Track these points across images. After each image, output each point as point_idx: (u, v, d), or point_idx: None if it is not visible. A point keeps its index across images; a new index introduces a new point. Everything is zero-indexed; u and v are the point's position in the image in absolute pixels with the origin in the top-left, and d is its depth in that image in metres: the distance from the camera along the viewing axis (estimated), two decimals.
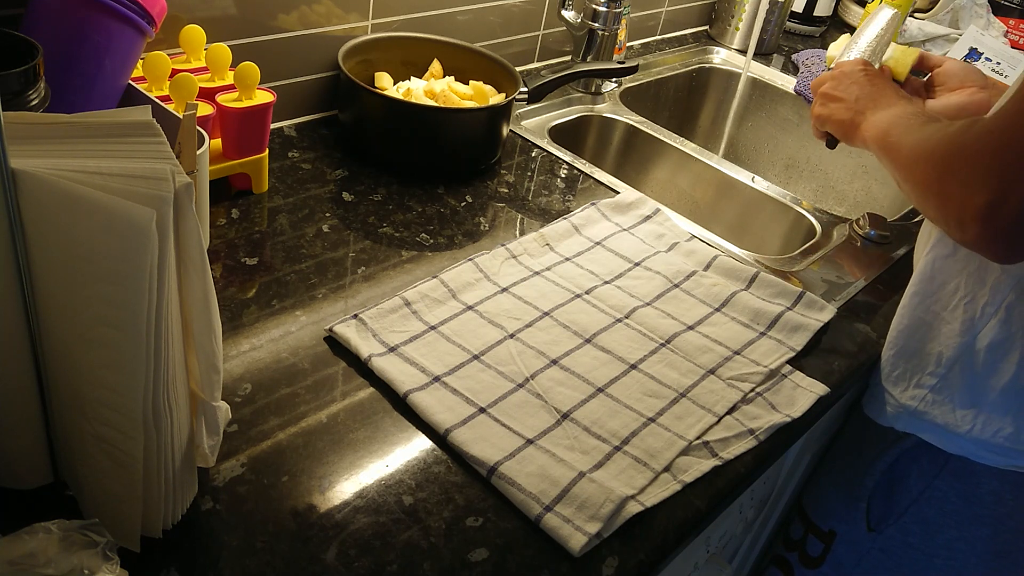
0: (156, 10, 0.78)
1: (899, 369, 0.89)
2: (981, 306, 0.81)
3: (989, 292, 0.81)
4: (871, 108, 0.87)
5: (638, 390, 0.76)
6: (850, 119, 0.89)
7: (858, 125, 0.88)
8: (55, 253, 0.48)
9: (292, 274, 0.83)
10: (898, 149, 0.77)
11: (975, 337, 0.82)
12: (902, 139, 0.77)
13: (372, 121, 1.04)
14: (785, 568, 1.12)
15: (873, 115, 0.86)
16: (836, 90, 0.93)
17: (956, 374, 0.85)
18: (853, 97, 0.90)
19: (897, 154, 0.77)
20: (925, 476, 0.90)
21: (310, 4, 1.02)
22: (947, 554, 0.93)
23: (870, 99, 0.89)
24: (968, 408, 0.85)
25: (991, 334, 0.81)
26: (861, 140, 0.87)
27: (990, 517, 0.89)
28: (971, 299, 0.82)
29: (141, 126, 0.50)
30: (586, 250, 0.94)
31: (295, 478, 0.63)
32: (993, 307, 0.81)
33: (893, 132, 0.79)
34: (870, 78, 0.92)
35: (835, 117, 0.92)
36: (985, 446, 0.85)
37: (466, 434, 0.68)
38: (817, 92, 0.97)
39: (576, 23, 1.31)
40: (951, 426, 0.86)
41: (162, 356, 0.48)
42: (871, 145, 0.85)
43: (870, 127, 0.85)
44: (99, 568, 0.47)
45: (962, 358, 0.84)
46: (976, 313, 0.82)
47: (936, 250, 0.85)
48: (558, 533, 0.62)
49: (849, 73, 0.94)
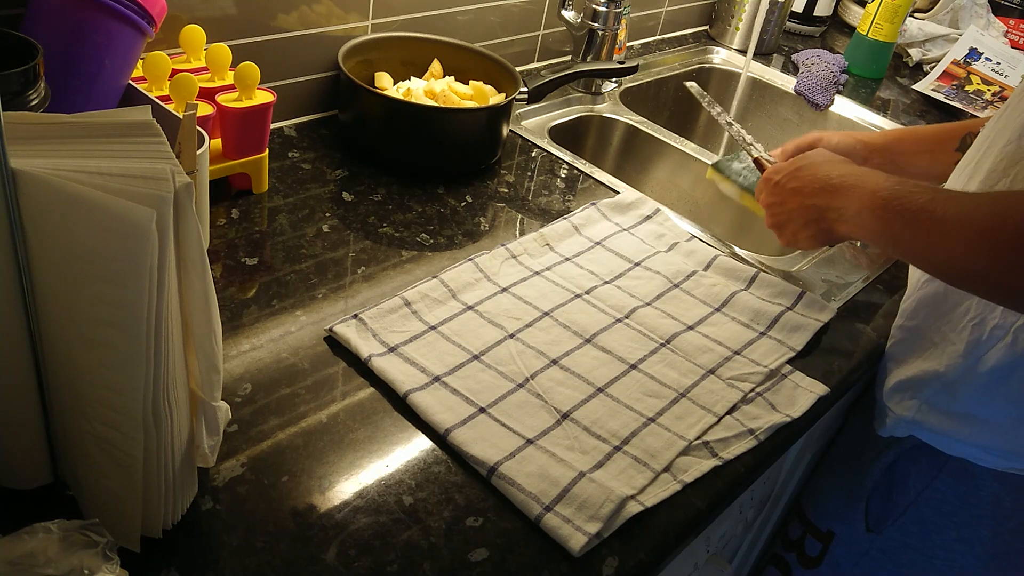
0: (156, 10, 0.78)
1: (898, 385, 0.88)
2: (989, 328, 0.80)
3: (1000, 315, 0.79)
4: (848, 182, 0.78)
5: (638, 390, 0.76)
6: (824, 203, 0.80)
7: (828, 206, 0.79)
8: (55, 253, 0.48)
9: (292, 274, 0.83)
10: (935, 222, 0.69)
11: (978, 360, 0.81)
12: (940, 211, 0.68)
13: (372, 121, 1.04)
14: (783, 568, 1.11)
15: (854, 189, 0.77)
16: (788, 185, 0.84)
17: (954, 395, 0.84)
18: (812, 181, 0.81)
19: (933, 228, 0.69)
20: (924, 477, 0.90)
21: (310, 4, 1.02)
22: (946, 555, 0.93)
23: (839, 176, 0.79)
24: (965, 419, 0.84)
25: (996, 356, 0.80)
26: (841, 218, 0.78)
27: (989, 518, 0.89)
28: (980, 321, 0.80)
29: (141, 126, 0.50)
30: (586, 250, 0.94)
31: (295, 478, 0.63)
32: (1002, 330, 0.79)
33: (910, 202, 0.71)
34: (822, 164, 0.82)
35: (797, 216, 0.83)
36: (984, 448, 0.85)
37: (466, 434, 0.68)
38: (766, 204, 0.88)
39: (576, 23, 1.31)
40: (949, 432, 0.86)
41: (162, 356, 0.48)
42: (863, 219, 0.75)
43: (859, 198, 0.76)
44: (99, 568, 0.47)
45: (963, 378, 0.83)
46: (983, 335, 0.80)
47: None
48: (558, 533, 0.62)
49: (791, 170, 0.85)
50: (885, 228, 0.74)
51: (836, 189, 0.79)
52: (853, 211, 0.76)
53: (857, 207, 0.76)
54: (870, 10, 1.55)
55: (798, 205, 0.83)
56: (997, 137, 0.80)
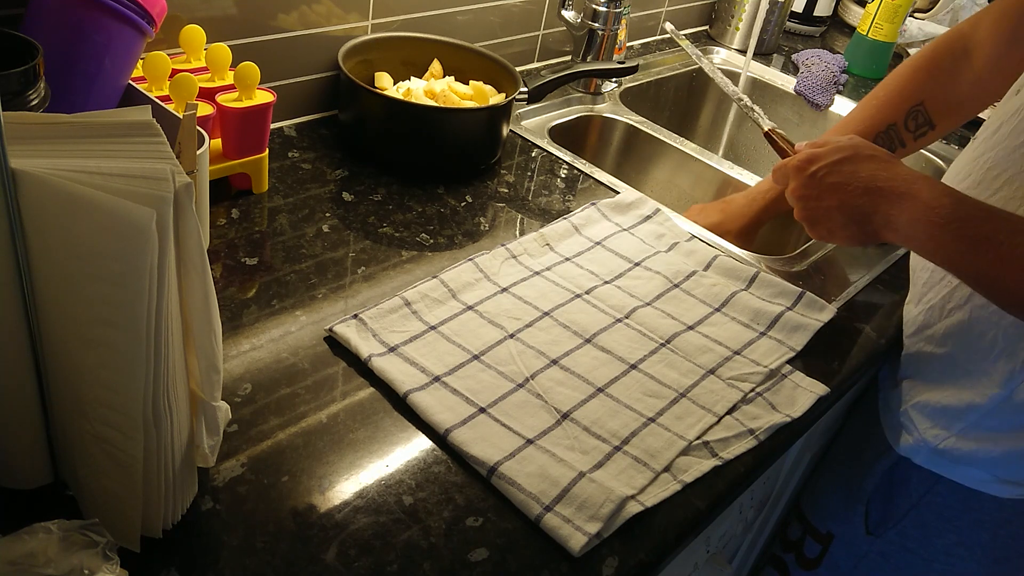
0: (156, 10, 0.78)
1: (929, 411, 0.87)
2: (1021, 360, 0.78)
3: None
4: (899, 189, 0.74)
5: (638, 390, 0.76)
6: (871, 207, 0.76)
7: (877, 211, 0.76)
8: (55, 253, 0.48)
9: (292, 274, 0.83)
10: (1003, 253, 0.67)
11: (1012, 391, 0.80)
12: (1008, 242, 0.67)
13: (372, 121, 1.04)
14: (781, 569, 1.11)
15: (907, 197, 0.73)
16: (827, 180, 0.80)
17: (987, 425, 0.83)
18: (855, 179, 0.77)
19: (1000, 258, 0.68)
20: (925, 480, 0.90)
21: (310, 4, 1.02)
22: (946, 559, 0.93)
23: (888, 179, 0.75)
24: (992, 452, 0.84)
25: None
26: (889, 225, 0.75)
27: (990, 522, 0.89)
28: (1011, 352, 0.79)
29: (141, 126, 0.50)
30: (586, 250, 0.94)
31: (295, 478, 0.63)
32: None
33: (972, 229, 0.69)
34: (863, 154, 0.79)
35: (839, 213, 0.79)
36: (1007, 479, 0.85)
37: (466, 434, 0.68)
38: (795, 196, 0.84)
39: (576, 23, 1.31)
40: (972, 463, 0.85)
41: (162, 356, 0.48)
42: (915, 231, 0.73)
43: (912, 210, 0.73)
44: (99, 568, 0.47)
45: (996, 410, 0.82)
46: (1016, 367, 0.79)
47: (973, 300, 0.82)
48: (558, 533, 0.62)
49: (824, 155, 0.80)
50: (939, 247, 0.72)
51: (885, 194, 0.75)
52: (904, 221, 0.74)
53: (909, 218, 0.73)
54: (870, 10, 1.55)
55: (838, 203, 0.79)
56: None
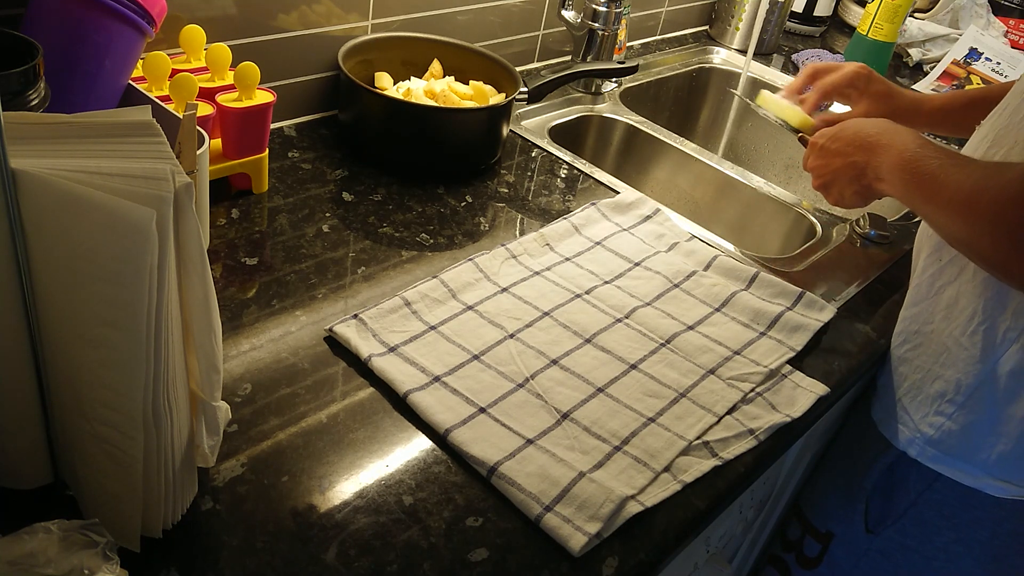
0: (156, 10, 0.78)
1: (916, 391, 0.88)
2: (1002, 332, 0.79)
3: (1011, 317, 0.78)
4: (883, 141, 0.79)
5: (638, 390, 0.76)
6: (864, 160, 0.81)
7: (868, 163, 0.81)
8: (55, 253, 0.48)
9: (292, 274, 0.83)
10: (937, 187, 0.71)
11: (996, 363, 0.80)
12: (942, 177, 0.70)
13: (372, 121, 1.04)
14: (781, 569, 1.11)
15: (888, 147, 0.78)
16: (832, 147, 0.86)
17: (976, 402, 0.83)
18: (853, 140, 0.83)
19: (935, 193, 0.71)
20: (924, 478, 0.90)
21: (310, 4, 1.02)
22: (945, 557, 0.93)
23: (877, 134, 0.81)
24: (987, 439, 0.84)
25: (1013, 360, 0.79)
26: (878, 176, 0.81)
27: (988, 520, 0.89)
28: (990, 325, 0.80)
29: (141, 126, 0.50)
30: (586, 250, 0.94)
31: (295, 478, 0.63)
32: (1016, 332, 0.78)
33: (924, 166, 0.72)
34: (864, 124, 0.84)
35: (836, 166, 0.85)
36: (1003, 479, 0.85)
37: (466, 434, 0.68)
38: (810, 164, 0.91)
39: (576, 23, 1.31)
40: (968, 458, 0.85)
41: (162, 356, 0.48)
42: (893, 177, 0.78)
43: (890, 157, 0.77)
44: (99, 568, 0.47)
45: (983, 386, 0.82)
46: (996, 339, 0.80)
47: (947, 275, 0.83)
48: (558, 533, 0.62)
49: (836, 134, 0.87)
50: (905, 190, 0.76)
51: (873, 146, 0.80)
52: (886, 169, 0.78)
53: (889, 165, 0.78)
54: (870, 10, 1.55)
55: (841, 163, 0.85)
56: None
